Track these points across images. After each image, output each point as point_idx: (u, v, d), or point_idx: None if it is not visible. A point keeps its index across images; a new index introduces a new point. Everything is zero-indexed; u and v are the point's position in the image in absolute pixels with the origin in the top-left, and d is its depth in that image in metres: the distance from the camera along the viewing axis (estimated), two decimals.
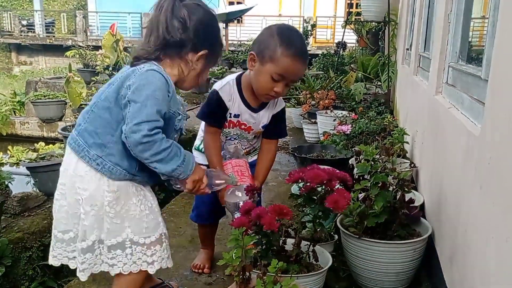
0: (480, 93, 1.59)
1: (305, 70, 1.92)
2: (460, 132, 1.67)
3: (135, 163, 1.60)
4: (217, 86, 1.98)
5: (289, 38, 1.81)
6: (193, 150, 2.16)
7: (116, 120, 1.57)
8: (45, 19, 22.17)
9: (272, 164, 2.10)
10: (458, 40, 2.07)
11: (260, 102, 1.98)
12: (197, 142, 2.17)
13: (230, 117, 1.98)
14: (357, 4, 9.34)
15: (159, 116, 1.52)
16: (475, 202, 1.40)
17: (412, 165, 2.74)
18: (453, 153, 1.79)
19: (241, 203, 1.82)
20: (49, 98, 7.55)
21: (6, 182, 2.82)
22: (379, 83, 5.79)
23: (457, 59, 2.08)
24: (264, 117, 2.01)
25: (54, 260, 1.74)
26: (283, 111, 2.07)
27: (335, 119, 4.04)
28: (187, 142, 5.49)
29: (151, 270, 1.70)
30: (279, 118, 2.04)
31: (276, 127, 2.05)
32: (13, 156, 6.72)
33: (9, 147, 6.87)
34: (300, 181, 1.76)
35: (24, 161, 3.36)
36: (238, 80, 1.97)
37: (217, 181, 1.76)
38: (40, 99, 7.52)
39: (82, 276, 1.67)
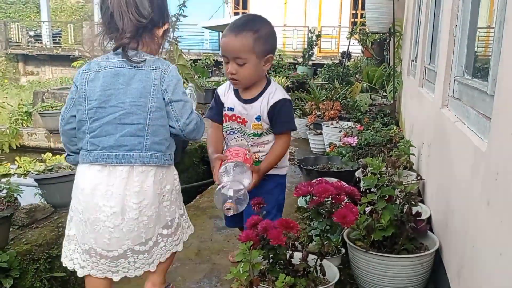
0: (486, 108, 1.60)
1: (239, 42, 1.92)
2: (467, 147, 1.68)
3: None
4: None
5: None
6: None
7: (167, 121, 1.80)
8: (52, 29, 22.34)
9: (277, 156, 2.06)
10: (463, 54, 2.08)
11: (253, 96, 2.05)
12: None
13: (225, 110, 2.10)
14: (362, 14, 9.38)
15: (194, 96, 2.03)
16: (482, 218, 1.40)
17: (419, 177, 2.74)
18: (459, 167, 1.79)
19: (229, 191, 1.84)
20: (56, 109, 7.60)
21: (15, 195, 2.83)
22: (384, 93, 5.80)
23: (463, 72, 2.09)
24: (256, 108, 2.03)
25: (108, 274, 1.83)
26: (280, 104, 2.03)
27: (341, 130, 4.04)
28: (193, 153, 5.51)
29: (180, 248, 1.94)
30: (276, 111, 2.02)
31: (276, 121, 2.04)
32: (20, 167, 6.77)
33: (17, 158, 6.95)
34: (308, 195, 1.78)
35: (32, 173, 3.38)
36: None
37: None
38: (48, 110, 7.57)
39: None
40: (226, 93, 2.11)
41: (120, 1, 1.70)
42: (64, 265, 1.91)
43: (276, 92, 2.04)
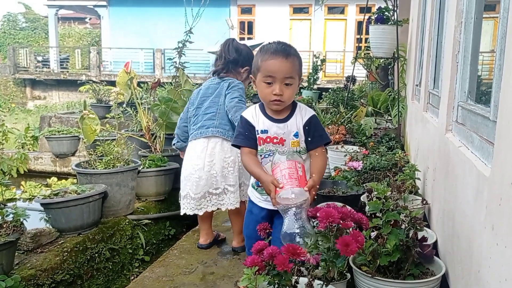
0: (489, 133, 1.61)
1: (290, 64, 2.01)
2: (471, 172, 1.68)
3: None
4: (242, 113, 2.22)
5: (266, 47, 2.07)
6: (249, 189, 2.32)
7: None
8: (60, 55, 22.67)
9: (323, 165, 2.10)
10: (466, 80, 2.10)
11: (285, 115, 2.10)
12: (251, 181, 2.24)
13: (259, 133, 2.10)
14: (366, 39, 9.47)
15: (243, 97, 3.10)
16: (487, 243, 1.40)
17: (424, 202, 2.73)
18: (464, 192, 1.80)
19: (293, 207, 1.78)
20: (63, 133, 7.67)
21: (21, 219, 2.85)
22: (389, 118, 5.82)
23: (466, 98, 2.10)
24: (292, 125, 2.09)
25: (196, 211, 3.14)
26: (315, 119, 2.14)
27: (346, 155, 4.05)
28: None
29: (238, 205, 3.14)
30: (312, 126, 2.10)
31: (314, 135, 2.10)
32: (26, 192, 6.78)
33: (22, 183, 6.96)
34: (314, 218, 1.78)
35: (38, 197, 3.40)
36: (260, 102, 2.16)
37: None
38: (55, 134, 7.64)
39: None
40: (255, 117, 2.13)
41: (223, 48, 3.21)
42: (182, 213, 3.21)
43: (306, 109, 2.15)
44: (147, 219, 4.05)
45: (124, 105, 5.22)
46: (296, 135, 2.09)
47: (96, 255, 3.40)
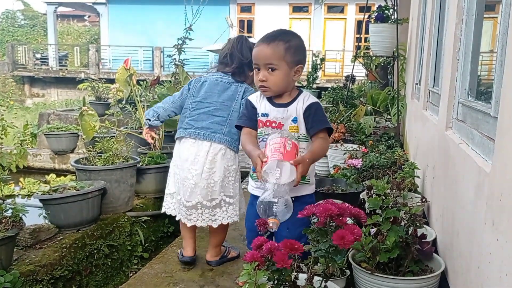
0: (490, 129, 1.61)
1: (271, 49, 2.00)
2: (471, 168, 1.68)
3: None
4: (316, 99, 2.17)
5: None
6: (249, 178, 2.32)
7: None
8: (58, 52, 22.63)
9: (321, 148, 2.04)
10: (467, 78, 2.10)
11: (287, 101, 2.10)
12: (251, 171, 2.25)
13: (259, 116, 2.12)
14: (366, 38, 9.47)
15: None
16: (487, 238, 1.40)
17: (424, 199, 2.73)
18: (464, 189, 1.80)
19: (273, 181, 1.77)
20: (61, 130, 7.66)
21: (20, 215, 2.84)
22: (388, 116, 5.82)
23: (467, 95, 2.10)
24: (292, 111, 2.09)
25: (184, 219, 2.82)
26: (316, 105, 2.10)
27: (345, 153, 4.05)
28: None
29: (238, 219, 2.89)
30: (312, 111, 2.07)
31: (314, 119, 2.06)
32: (24, 188, 6.77)
33: (21, 179, 6.95)
34: (313, 215, 1.78)
35: (37, 193, 3.40)
36: None
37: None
38: (53, 131, 7.63)
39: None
40: (258, 101, 2.16)
41: (233, 46, 2.84)
42: (162, 211, 2.97)
43: (310, 97, 2.13)
44: (146, 216, 4.05)
45: (123, 102, 5.21)
46: (294, 120, 2.08)
47: (95, 251, 3.39)
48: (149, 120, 3.00)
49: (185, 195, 2.77)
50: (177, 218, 2.88)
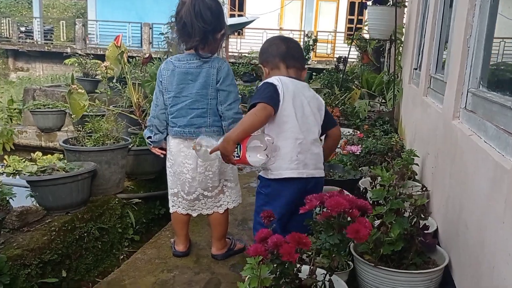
0: (507, 123, 1.54)
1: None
2: (485, 161, 1.62)
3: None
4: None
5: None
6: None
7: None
8: (44, 26, 22.11)
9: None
10: (478, 66, 2.02)
11: None
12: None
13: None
14: (358, 20, 9.34)
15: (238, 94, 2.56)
16: (505, 237, 1.34)
17: (424, 188, 2.68)
18: (476, 182, 1.74)
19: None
20: (48, 107, 7.48)
21: (8, 198, 2.73)
22: (383, 101, 5.76)
23: (478, 85, 2.03)
24: None
25: (189, 211, 2.73)
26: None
27: (341, 138, 3.98)
28: None
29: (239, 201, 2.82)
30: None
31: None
32: (9, 166, 6.60)
33: (5, 157, 6.76)
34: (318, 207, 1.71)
35: (24, 174, 3.27)
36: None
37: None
38: (40, 108, 7.44)
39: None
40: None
41: (190, 12, 2.37)
42: (171, 212, 2.80)
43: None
44: (137, 198, 3.95)
45: (114, 80, 5.06)
46: None
47: (85, 234, 3.30)
48: (150, 138, 2.69)
49: (183, 189, 2.65)
50: (181, 211, 2.74)
